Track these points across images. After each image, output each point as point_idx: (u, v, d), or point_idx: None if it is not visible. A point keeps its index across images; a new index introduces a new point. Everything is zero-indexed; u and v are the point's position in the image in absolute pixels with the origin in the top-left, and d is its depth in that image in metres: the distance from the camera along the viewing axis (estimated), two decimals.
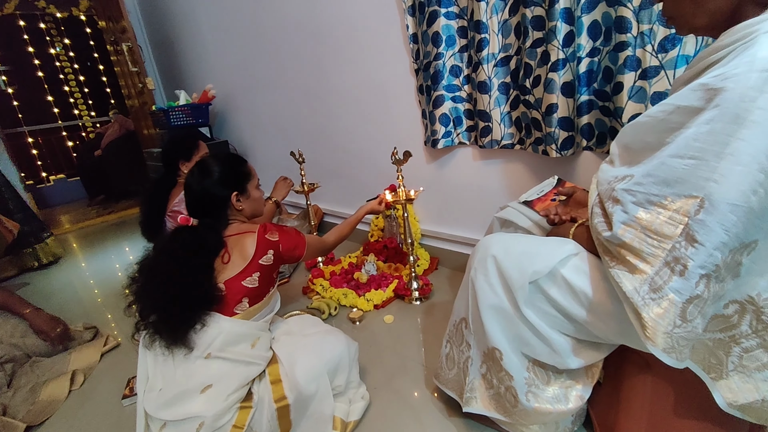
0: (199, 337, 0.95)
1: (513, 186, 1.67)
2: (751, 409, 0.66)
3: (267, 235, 1.09)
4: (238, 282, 1.02)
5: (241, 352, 0.99)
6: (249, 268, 1.04)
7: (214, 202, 1.12)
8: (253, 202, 1.20)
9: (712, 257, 0.59)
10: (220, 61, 3.13)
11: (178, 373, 0.94)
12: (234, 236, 1.08)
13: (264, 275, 1.07)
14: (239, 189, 1.15)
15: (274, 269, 1.11)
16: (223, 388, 0.94)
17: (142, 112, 3.83)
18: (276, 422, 0.99)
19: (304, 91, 2.49)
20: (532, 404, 0.88)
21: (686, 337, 0.62)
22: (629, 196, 0.67)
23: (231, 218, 1.15)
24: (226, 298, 1.01)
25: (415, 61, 1.76)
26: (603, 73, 1.23)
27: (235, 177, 1.15)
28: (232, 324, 1.00)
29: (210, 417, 0.90)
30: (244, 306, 1.03)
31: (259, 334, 1.06)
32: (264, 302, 1.09)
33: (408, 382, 1.28)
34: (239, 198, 1.15)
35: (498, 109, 1.54)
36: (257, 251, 1.06)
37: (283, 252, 1.12)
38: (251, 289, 1.04)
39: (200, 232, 1.05)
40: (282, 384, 1.01)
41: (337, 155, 2.47)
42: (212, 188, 1.11)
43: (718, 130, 0.58)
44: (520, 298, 0.83)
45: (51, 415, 1.36)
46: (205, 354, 0.95)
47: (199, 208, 1.12)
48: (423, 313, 1.67)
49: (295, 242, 1.16)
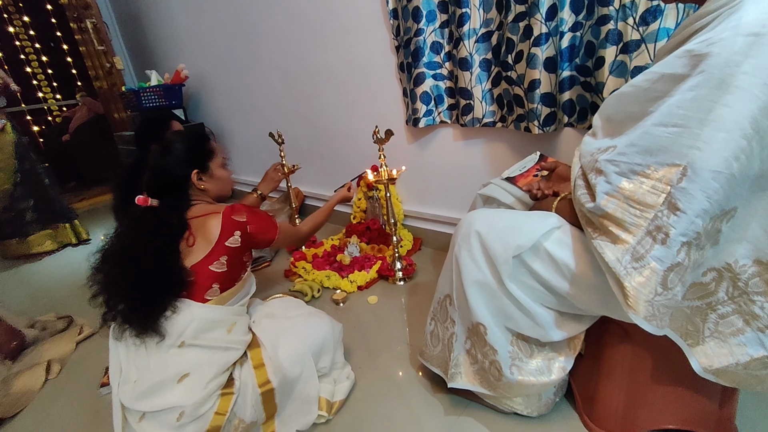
0: (171, 324, 0.91)
1: (495, 164, 1.66)
2: (725, 372, 0.68)
3: (233, 216, 1.03)
4: (205, 267, 0.97)
5: (216, 339, 0.96)
6: (215, 251, 0.98)
7: (174, 181, 1.06)
8: (217, 182, 1.14)
9: (693, 225, 0.59)
10: (193, 39, 3.00)
11: (152, 364, 0.90)
12: (198, 218, 1.02)
13: (232, 259, 1.02)
14: (200, 167, 1.09)
15: (243, 252, 1.05)
16: (201, 376, 0.91)
17: (111, 94, 3.66)
18: (261, 407, 0.97)
19: (281, 70, 2.41)
20: (516, 377, 0.89)
21: (667, 304, 0.63)
22: (612, 167, 0.67)
23: (195, 199, 1.09)
24: (195, 283, 0.96)
25: (396, 37, 1.72)
26: (585, 48, 1.22)
27: (196, 154, 1.10)
28: (205, 310, 0.95)
29: (190, 405, 0.88)
30: (215, 292, 0.98)
31: (235, 319, 1.02)
32: (237, 287, 1.04)
33: (393, 361, 1.28)
34: (201, 177, 1.09)
35: (479, 86, 1.52)
36: (222, 232, 1.00)
37: (251, 233, 1.06)
38: (220, 274, 0.99)
39: (161, 213, 0.99)
40: (265, 368, 0.99)
41: (317, 136, 2.42)
42: (171, 166, 1.05)
43: (702, 97, 0.57)
44: (503, 273, 0.83)
45: (25, 406, 1.32)
46: (179, 342, 0.91)
47: (158, 187, 1.04)
48: (407, 293, 1.68)
49: (265, 225, 1.10)
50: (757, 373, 0.66)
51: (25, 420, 1.28)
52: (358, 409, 1.12)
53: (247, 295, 1.10)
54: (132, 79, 4.02)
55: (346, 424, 1.08)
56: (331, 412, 1.09)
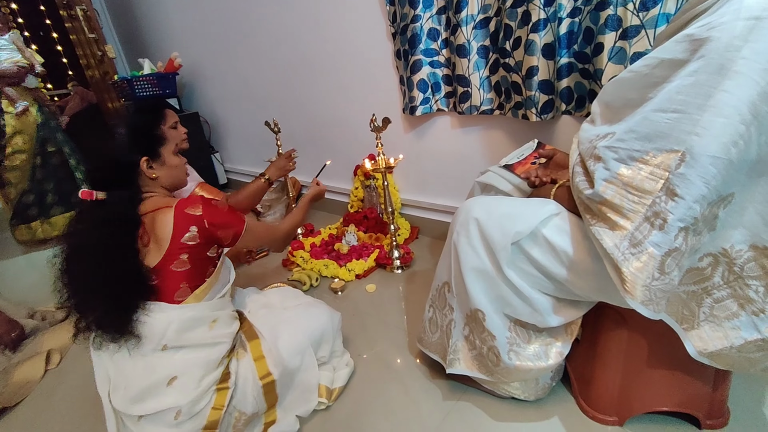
0: (149, 329, 0.86)
1: (493, 152, 1.66)
2: (719, 356, 0.69)
3: (187, 209, 0.92)
4: (166, 267, 0.89)
5: (199, 337, 0.92)
6: (172, 250, 0.89)
7: (120, 170, 0.95)
8: (171, 170, 1.04)
9: (691, 210, 0.60)
10: (186, 27, 2.95)
11: (138, 369, 0.87)
12: (149, 214, 0.93)
13: (195, 256, 0.92)
14: (150, 153, 0.99)
15: (205, 248, 0.95)
16: (191, 376, 0.89)
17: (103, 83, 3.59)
18: (262, 398, 0.97)
19: (277, 58, 2.38)
20: (513, 362, 0.90)
21: (664, 289, 0.64)
22: (611, 153, 0.67)
23: (147, 191, 0.99)
24: (162, 286, 0.89)
25: (392, 24, 1.70)
26: (584, 34, 1.21)
27: (144, 139, 1.00)
28: (181, 311, 0.90)
29: (186, 404, 0.87)
30: (186, 291, 0.92)
31: (216, 314, 0.96)
32: (210, 282, 0.96)
33: (391, 348, 1.29)
34: (151, 164, 0.99)
35: (477, 73, 1.51)
36: (176, 229, 0.90)
37: (210, 227, 0.94)
38: (185, 273, 0.91)
39: (109, 207, 0.90)
40: (265, 360, 0.98)
41: (313, 125, 2.40)
42: (117, 153, 0.95)
43: (701, 82, 0.57)
44: (502, 260, 0.84)
45: (26, 396, 1.33)
46: (161, 346, 0.87)
47: (104, 178, 0.93)
48: (404, 282, 1.68)
49: (226, 218, 0.98)
50: (750, 355, 0.67)
51: (26, 409, 1.29)
52: (358, 396, 1.13)
53: (226, 285, 1.03)
54: (124, 67, 3.96)
55: (346, 410, 1.09)
56: (331, 399, 1.10)
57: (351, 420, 1.06)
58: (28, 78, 2.48)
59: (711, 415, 0.89)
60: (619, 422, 0.93)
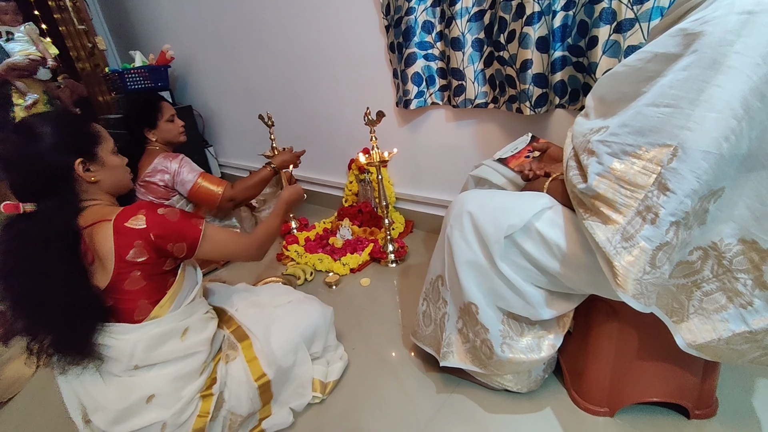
0: (116, 352, 0.80)
1: (487, 146, 1.66)
2: (708, 348, 0.70)
3: (128, 223, 0.80)
4: (119, 287, 0.80)
5: (171, 351, 0.85)
6: (120, 270, 0.79)
7: (52, 175, 0.81)
8: (112, 171, 0.91)
9: (682, 204, 0.60)
10: (178, 19, 2.91)
11: (111, 392, 0.82)
12: (88, 228, 0.81)
13: (148, 272, 0.82)
14: (85, 154, 0.85)
15: (160, 263, 0.84)
16: (170, 392, 0.85)
17: (94, 75, 3.55)
18: (258, 399, 0.97)
19: (269, 51, 2.35)
20: (506, 355, 0.91)
21: (654, 282, 0.64)
22: (604, 147, 0.67)
23: (87, 199, 0.86)
24: (119, 307, 0.81)
25: (386, 16, 1.68)
26: (578, 28, 1.21)
27: (76, 138, 0.86)
28: (145, 329, 0.82)
29: (170, 416, 0.84)
30: (146, 308, 0.83)
31: (185, 323, 0.88)
32: (171, 294, 0.87)
33: (385, 342, 1.30)
34: (88, 167, 0.85)
35: (471, 66, 1.50)
36: (117, 246, 0.78)
37: (157, 240, 0.81)
38: (141, 290, 0.82)
39: (42, 220, 0.78)
40: (259, 361, 0.97)
41: (307, 118, 2.39)
42: (45, 155, 0.80)
43: (694, 77, 0.57)
44: (495, 253, 0.84)
45: (17, 392, 1.32)
46: (132, 366, 0.82)
47: (31, 186, 0.80)
48: (399, 275, 1.69)
49: (176, 228, 0.85)
50: (738, 347, 0.68)
51: (18, 405, 1.28)
52: (352, 389, 1.14)
53: (194, 289, 0.94)
54: (115, 60, 3.90)
55: (340, 403, 1.10)
56: (325, 393, 1.10)
57: (345, 413, 1.07)
58: (40, 70, 2.44)
59: (700, 405, 0.90)
60: (609, 413, 0.95)
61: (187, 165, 1.71)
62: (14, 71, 2.28)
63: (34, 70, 2.39)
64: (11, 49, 2.31)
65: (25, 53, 2.32)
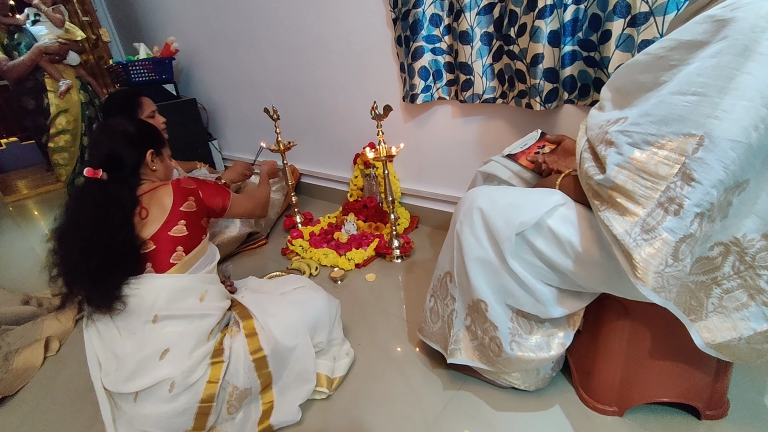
0: (139, 301, 0.91)
1: (494, 142, 1.64)
2: (727, 347, 0.69)
3: (182, 185, 1.06)
4: (164, 233, 0.98)
5: (190, 307, 0.96)
6: (172, 217, 1.00)
7: (129, 158, 1.04)
8: (165, 168, 1.16)
9: (708, 195, 0.58)
10: (182, 11, 2.89)
11: (128, 347, 0.90)
12: (148, 192, 1.02)
13: (191, 223, 1.03)
14: (156, 149, 1.10)
15: (200, 216, 1.08)
16: (182, 347, 0.91)
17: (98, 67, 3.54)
18: (254, 373, 0.99)
19: (275, 44, 2.34)
20: (515, 353, 0.90)
21: (676, 276, 0.63)
22: (624, 137, 0.65)
23: (144, 178, 1.08)
24: (158, 251, 0.96)
25: (393, 9, 1.66)
26: (590, 21, 1.19)
27: (155, 137, 1.13)
28: (171, 280, 0.96)
29: (179, 375, 0.88)
30: (180, 255, 0.99)
31: (205, 287, 1.02)
32: (200, 249, 1.04)
33: (391, 338, 1.29)
34: (154, 158, 1.10)
35: (480, 61, 1.48)
36: (176, 200, 1.02)
37: (204, 198, 1.10)
38: (181, 238, 1.00)
39: (110, 187, 0.97)
40: (258, 337, 1.01)
41: (312, 112, 2.37)
42: (129, 142, 1.05)
43: (724, 64, 0.56)
44: (506, 250, 0.83)
45: (26, 383, 1.32)
46: (152, 317, 0.91)
47: (111, 161, 1.02)
48: (404, 271, 1.68)
49: (215, 191, 1.15)
50: (758, 347, 0.66)
51: (27, 397, 1.28)
52: (358, 385, 1.13)
53: (212, 262, 1.09)
54: (119, 52, 3.88)
55: (347, 399, 1.09)
56: (332, 389, 1.10)
57: (351, 409, 1.06)
58: (70, 54, 2.41)
59: (711, 406, 0.89)
60: (619, 412, 0.94)
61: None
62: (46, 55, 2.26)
63: (65, 54, 2.36)
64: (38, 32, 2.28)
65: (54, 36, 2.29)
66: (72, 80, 2.38)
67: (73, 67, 2.46)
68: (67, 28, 2.42)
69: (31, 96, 2.31)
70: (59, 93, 2.32)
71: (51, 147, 2.45)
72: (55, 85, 2.32)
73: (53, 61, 2.32)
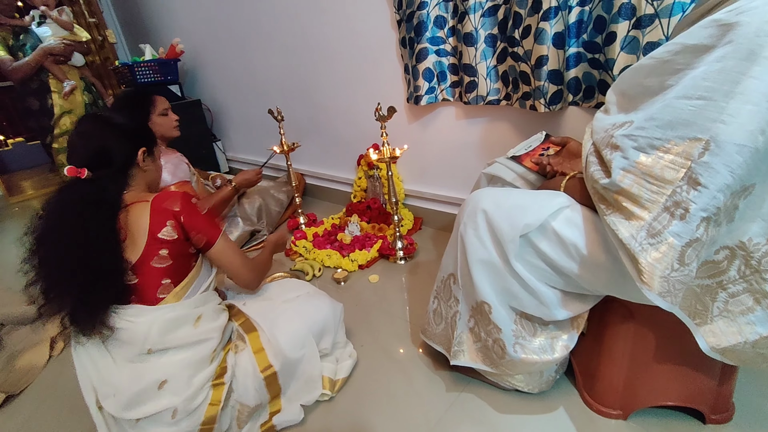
0: (131, 334, 0.84)
1: (498, 143, 1.64)
2: (732, 351, 0.69)
3: (165, 204, 0.89)
4: (146, 264, 0.86)
5: (184, 337, 0.88)
6: (150, 246, 0.86)
7: (119, 153, 0.92)
8: (156, 169, 1.05)
9: (715, 200, 0.58)
10: (187, 13, 2.90)
11: (124, 377, 0.84)
12: (125, 207, 0.88)
13: (175, 251, 0.89)
14: (148, 147, 0.99)
15: (185, 246, 0.92)
16: (181, 377, 0.87)
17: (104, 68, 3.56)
18: (264, 390, 0.97)
19: (280, 45, 2.34)
20: (519, 355, 0.90)
21: (682, 280, 0.63)
22: (630, 142, 0.65)
23: (130, 184, 0.95)
24: (142, 285, 0.86)
25: (398, 11, 1.66)
26: (594, 23, 1.19)
27: (147, 134, 1.03)
28: (161, 312, 0.86)
29: (181, 402, 0.85)
30: (168, 287, 0.89)
31: (198, 311, 0.92)
32: (191, 277, 0.93)
33: (394, 339, 1.29)
34: (146, 157, 0.98)
35: (484, 62, 1.48)
36: (152, 223, 0.87)
37: (186, 225, 0.90)
38: (166, 269, 0.88)
39: (95, 186, 0.85)
40: (265, 352, 0.97)
41: (316, 113, 2.38)
42: (120, 137, 0.93)
43: (729, 68, 0.56)
44: (510, 252, 0.83)
45: (30, 382, 1.33)
46: (146, 350, 0.85)
47: (97, 158, 0.89)
48: (407, 272, 1.68)
49: (202, 223, 0.93)
50: (764, 351, 0.66)
51: (31, 396, 1.29)
52: (361, 387, 1.13)
53: (209, 278, 1.00)
54: (125, 53, 3.91)
55: (349, 401, 1.09)
56: (334, 390, 1.10)
57: (354, 411, 1.06)
58: (75, 55, 2.42)
59: (716, 410, 0.89)
60: (623, 416, 0.93)
61: (171, 166, 1.67)
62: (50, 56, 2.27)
63: (69, 55, 2.37)
64: (43, 33, 2.30)
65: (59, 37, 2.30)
66: (76, 81, 2.40)
67: (78, 68, 2.48)
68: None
69: (35, 97, 2.33)
70: (63, 94, 2.34)
71: (55, 148, 2.47)
72: (59, 85, 2.34)
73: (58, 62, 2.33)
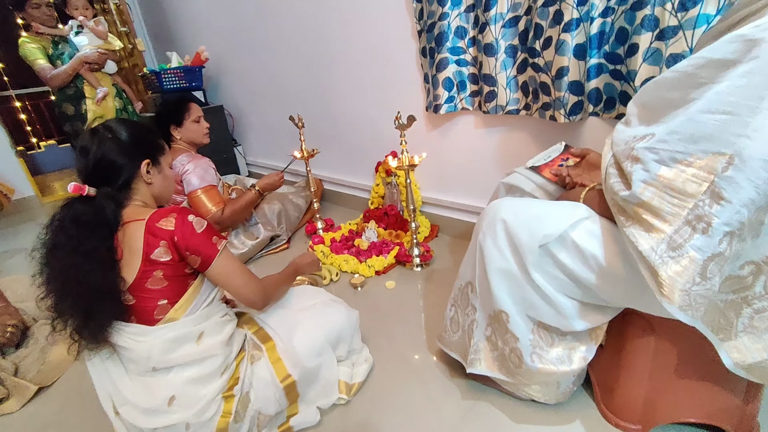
0: (135, 354, 0.85)
1: (517, 153, 1.64)
2: (757, 368, 0.67)
3: (159, 223, 0.84)
4: (141, 286, 0.84)
5: (187, 355, 0.87)
6: (145, 267, 0.84)
7: (119, 169, 0.90)
8: (164, 180, 1.00)
9: (738, 214, 0.58)
10: (212, 21, 3.00)
11: (137, 390, 0.87)
12: (123, 225, 0.86)
13: (170, 273, 0.86)
14: (152, 158, 0.96)
15: (182, 266, 0.88)
16: (189, 393, 0.87)
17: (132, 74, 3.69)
18: (285, 398, 0.98)
19: (301, 53, 2.40)
20: (536, 365, 0.90)
21: (704, 294, 0.62)
22: (651, 155, 0.65)
23: (132, 198, 0.93)
24: (140, 307, 0.86)
25: (419, 21, 1.69)
26: (616, 35, 1.19)
27: (148, 143, 0.97)
28: (161, 332, 0.85)
29: (192, 416, 0.86)
30: (165, 308, 0.87)
31: (200, 328, 0.89)
32: (191, 293, 0.90)
33: (410, 345, 1.30)
34: (150, 169, 0.95)
35: (504, 72, 1.49)
36: (145, 244, 0.83)
37: (180, 245, 0.85)
38: (163, 290, 0.86)
39: (98, 203, 0.84)
40: (283, 362, 0.98)
41: (336, 120, 2.41)
42: (120, 150, 0.90)
43: (755, 84, 0.55)
44: (529, 262, 0.83)
45: (60, 375, 1.38)
46: (150, 368, 0.86)
47: (99, 174, 0.89)
48: (424, 279, 1.69)
49: (197, 243, 0.86)
50: None
51: (62, 388, 1.34)
52: (376, 392, 1.14)
53: (212, 293, 0.95)
54: (152, 60, 4.05)
55: (365, 405, 1.10)
56: (350, 394, 1.11)
57: (370, 415, 1.07)
58: (108, 63, 2.54)
59: (740, 429, 0.86)
60: (642, 431, 0.92)
61: (201, 171, 1.78)
62: (86, 64, 2.39)
63: (103, 63, 2.49)
64: (80, 42, 2.42)
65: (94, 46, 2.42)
66: (109, 88, 2.50)
67: (110, 75, 2.58)
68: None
69: (71, 102, 2.44)
70: (96, 100, 2.44)
71: None
72: (93, 92, 2.44)
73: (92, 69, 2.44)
